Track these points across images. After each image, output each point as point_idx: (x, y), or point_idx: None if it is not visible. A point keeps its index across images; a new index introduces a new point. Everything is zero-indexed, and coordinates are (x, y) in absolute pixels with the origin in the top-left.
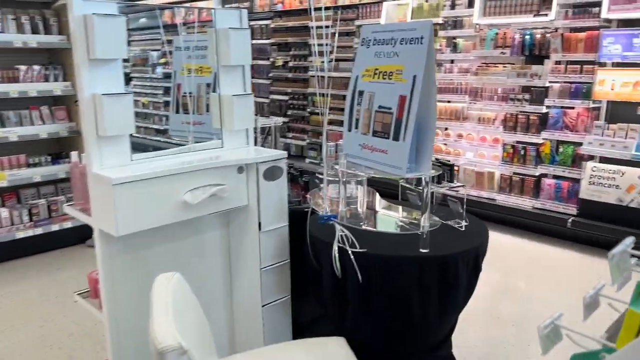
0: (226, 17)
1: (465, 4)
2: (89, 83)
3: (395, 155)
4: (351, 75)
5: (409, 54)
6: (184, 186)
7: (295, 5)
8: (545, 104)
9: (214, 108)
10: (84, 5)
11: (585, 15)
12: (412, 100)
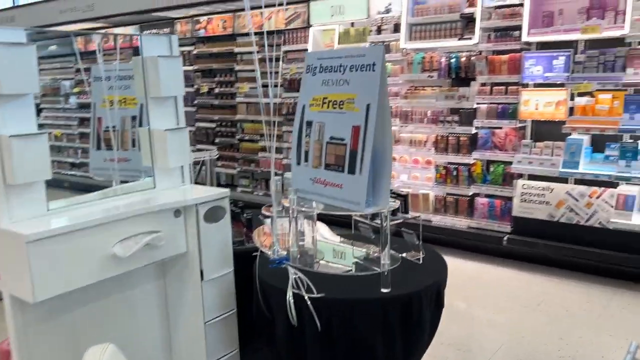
0: (154, 44)
1: (390, 29)
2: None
3: (352, 189)
4: (297, 105)
5: (360, 81)
6: (112, 237)
7: (219, 31)
8: (474, 125)
9: (144, 144)
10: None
11: (507, 39)
12: (367, 131)
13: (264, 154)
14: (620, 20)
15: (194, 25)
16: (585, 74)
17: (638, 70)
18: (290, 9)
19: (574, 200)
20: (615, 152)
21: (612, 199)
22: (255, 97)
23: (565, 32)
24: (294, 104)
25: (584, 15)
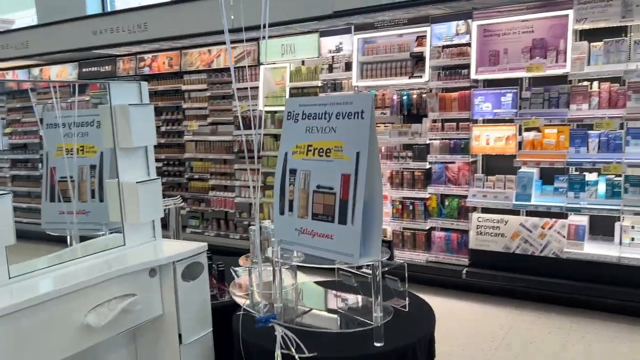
0: (123, 92)
1: (342, 67)
2: None
3: (344, 240)
4: (278, 152)
5: (348, 129)
6: (84, 305)
7: (164, 69)
8: (428, 160)
9: (112, 198)
10: None
11: (456, 77)
12: (357, 179)
13: (216, 192)
14: (562, 59)
15: (137, 62)
16: (532, 109)
17: (581, 106)
18: (240, 47)
19: (528, 232)
20: (564, 184)
21: (563, 229)
22: (205, 134)
23: (511, 70)
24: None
25: (527, 55)
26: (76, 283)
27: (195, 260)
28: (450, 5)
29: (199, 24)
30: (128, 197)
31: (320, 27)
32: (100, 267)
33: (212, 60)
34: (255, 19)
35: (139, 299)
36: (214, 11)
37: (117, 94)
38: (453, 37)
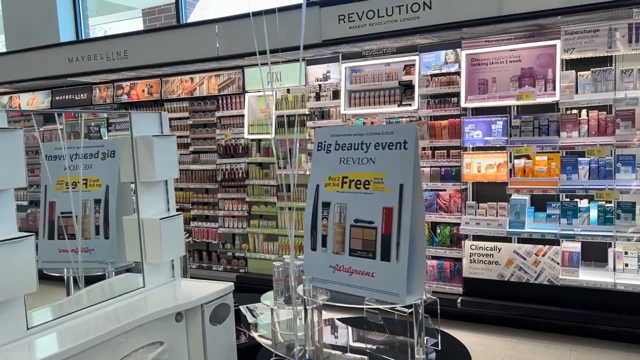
0: (144, 122)
1: (330, 96)
2: None
3: (388, 278)
4: (308, 184)
5: (389, 160)
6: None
7: (144, 97)
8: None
9: (130, 236)
10: None
11: (446, 105)
12: (402, 213)
13: (198, 223)
14: (550, 88)
15: (115, 90)
16: (522, 137)
17: (571, 133)
18: (224, 75)
19: (522, 259)
20: (557, 210)
21: (557, 256)
22: (187, 163)
23: (500, 98)
24: (229, 170)
25: (516, 83)
26: (101, 334)
27: (223, 301)
28: (438, 35)
29: (183, 51)
30: (149, 234)
31: (306, 55)
32: (124, 314)
33: (195, 88)
34: (242, 46)
35: (167, 347)
36: (197, 39)
37: (138, 125)
38: (442, 66)
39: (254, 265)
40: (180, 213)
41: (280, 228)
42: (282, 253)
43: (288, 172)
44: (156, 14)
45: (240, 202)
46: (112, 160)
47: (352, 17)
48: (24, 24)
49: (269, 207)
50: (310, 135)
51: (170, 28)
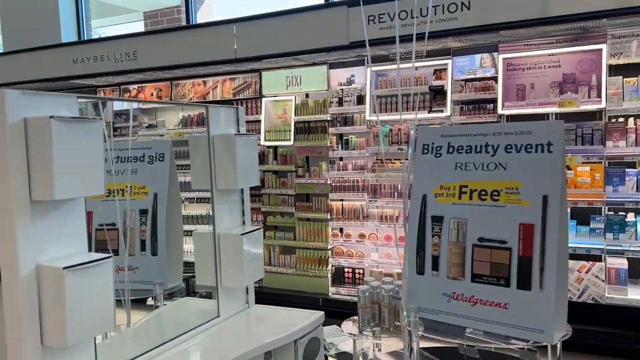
0: (221, 118)
1: (354, 101)
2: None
3: (528, 311)
4: (411, 194)
5: (527, 166)
6: None
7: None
8: None
9: (202, 254)
10: None
11: (480, 112)
12: (546, 231)
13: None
14: (594, 95)
15: (121, 94)
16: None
17: (617, 142)
18: (240, 78)
19: None
20: (601, 224)
21: (601, 272)
22: None
23: (540, 105)
24: None
25: (556, 90)
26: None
27: (314, 335)
28: (472, 38)
29: (197, 53)
30: (227, 252)
31: (329, 58)
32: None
33: (208, 91)
34: (262, 48)
35: None
36: (214, 40)
37: (215, 122)
38: (477, 71)
39: (268, 279)
40: (261, 227)
41: (298, 240)
42: (301, 267)
43: (307, 181)
44: (158, 17)
45: (255, 212)
46: (160, 165)
47: (383, 17)
48: (23, 25)
49: (285, 218)
50: (331, 142)
51: (184, 28)
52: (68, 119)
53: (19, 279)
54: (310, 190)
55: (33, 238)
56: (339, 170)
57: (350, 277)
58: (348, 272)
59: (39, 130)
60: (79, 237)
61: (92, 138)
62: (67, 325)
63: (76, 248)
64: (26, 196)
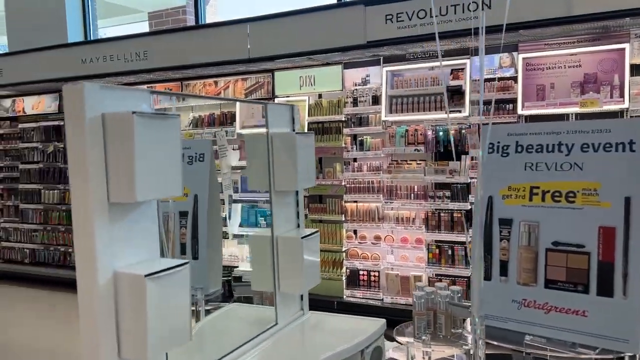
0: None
1: (369, 101)
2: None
3: (610, 319)
4: (476, 195)
5: (606, 165)
6: None
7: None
8: (470, 200)
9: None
10: None
11: (500, 112)
12: (630, 234)
13: None
14: (617, 95)
15: None
16: None
17: None
18: (252, 78)
19: None
20: None
21: None
22: None
23: (561, 105)
24: None
25: (577, 89)
26: None
27: (378, 344)
28: (492, 37)
29: (209, 52)
30: (286, 257)
31: (343, 58)
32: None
33: (219, 92)
34: (276, 48)
35: None
36: (226, 39)
37: (273, 120)
38: (496, 70)
39: None
40: (317, 230)
41: None
42: None
43: (321, 182)
44: (163, 17)
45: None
46: (200, 165)
47: (402, 16)
48: (28, 25)
49: None
50: (346, 143)
51: (196, 28)
52: (149, 114)
53: (98, 286)
54: (323, 192)
55: (110, 243)
56: (354, 171)
57: (365, 280)
58: (363, 274)
59: (120, 126)
60: (152, 241)
61: (171, 135)
62: (148, 338)
63: (149, 253)
64: (104, 198)
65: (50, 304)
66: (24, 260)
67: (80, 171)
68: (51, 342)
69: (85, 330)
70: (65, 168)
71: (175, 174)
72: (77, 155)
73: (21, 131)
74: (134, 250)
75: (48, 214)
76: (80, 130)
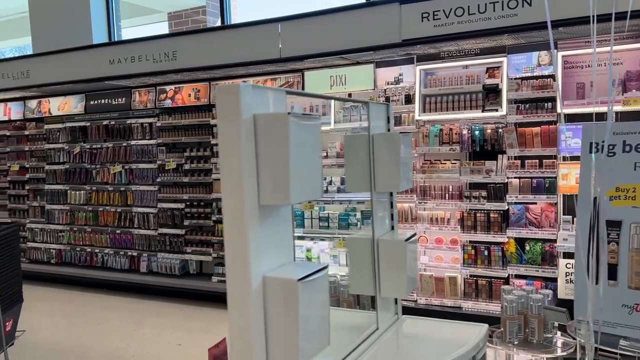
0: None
1: (401, 100)
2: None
3: None
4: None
5: None
6: None
7: (189, 102)
8: (507, 200)
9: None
10: None
11: (538, 111)
12: None
13: None
14: None
15: (157, 94)
16: None
17: None
18: (281, 78)
19: None
20: None
21: None
22: None
23: (602, 104)
24: None
25: (619, 87)
26: None
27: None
28: (529, 35)
29: (239, 52)
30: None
31: (375, 57)
32: None
33: None
34: (308, 47)
35: None
36: (257, 39)
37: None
38: (534, 69)
39: None
40: (415, 233)
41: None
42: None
43: None
44: (183, 18)
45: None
46: None
47: (438, 14)
48: (53, 26)
49: None
50: None
51: (226, 28)
52: (300, 115)
53: (251, 293)
54: None
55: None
56: None
57: None
58: None
59: (274, 127)
60: (288, 245)
61: (314, 137)
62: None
63: (286, 257)
64: (255, 200)
65: (79, 304)
66: (50, 260)
67: (235, 173)
68: (81, 341)
69: (238, 339)
70: (92, 169)
71: (318, 176)
72: (231, 158)
73: (47, 132)
74: (275, 254)
75: (74, 214)
76: (234, 132)
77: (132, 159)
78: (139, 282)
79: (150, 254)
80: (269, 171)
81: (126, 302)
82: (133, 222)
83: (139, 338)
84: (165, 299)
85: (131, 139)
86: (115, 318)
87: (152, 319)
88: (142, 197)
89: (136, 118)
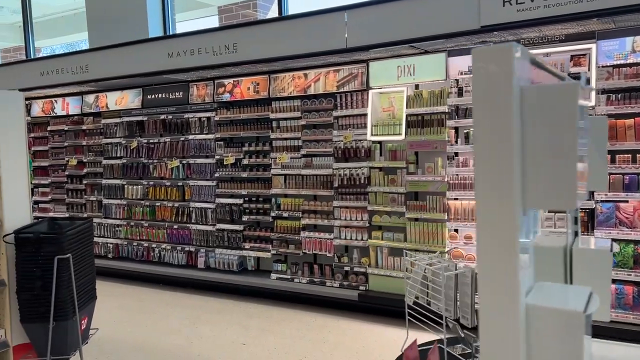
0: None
1: None
2: None
3: None
4: None
5: None
6: None
7: (249, 95)
8: (595, 198)
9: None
10: None
11: (633, 101)
12: None
13: (308, 233)
14: None
15: (216, 88)
16: None
17: None
18: (345, 70)
19: None
20: None
21: None
22: (297, 167)
23: None
24: (348, 175)
25: None
26: None
27: None
28: (621, 18)
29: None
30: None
31: (447, 45)
32: None
33: (309, 85)
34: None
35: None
36: (321, 29)
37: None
38: (628, 55)
39: (376, 282)
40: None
41: (409, 241)
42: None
43: (420, 178)
44: (233, 11)
45: (360, 211)
46: None
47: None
48: (109, 21)
49: (393, 218)
50: (449, 136)
51: (288, 18)
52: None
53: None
54: (423, 188)
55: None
56: (458, 166)
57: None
58: None
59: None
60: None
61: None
62: None
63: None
64: (520, 205)
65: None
66: (107, 255)
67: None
68: (144, 338)
69: None
70: (149, 163)
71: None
72: (494, 148)
73: (104, 127)
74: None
75: (131, 209)
76: (502, 114)
77: (189, 154)
78: (197, 277)
79: (207, 249)
80: (544, 166)
81: (183, 297)
82: (190, 218)
83: (201, 335)
84: (223, 295)
85: (188, 133)
86: (174, 314)
87: (211, 316)
88: (200, 192)
89: (194, 112)
